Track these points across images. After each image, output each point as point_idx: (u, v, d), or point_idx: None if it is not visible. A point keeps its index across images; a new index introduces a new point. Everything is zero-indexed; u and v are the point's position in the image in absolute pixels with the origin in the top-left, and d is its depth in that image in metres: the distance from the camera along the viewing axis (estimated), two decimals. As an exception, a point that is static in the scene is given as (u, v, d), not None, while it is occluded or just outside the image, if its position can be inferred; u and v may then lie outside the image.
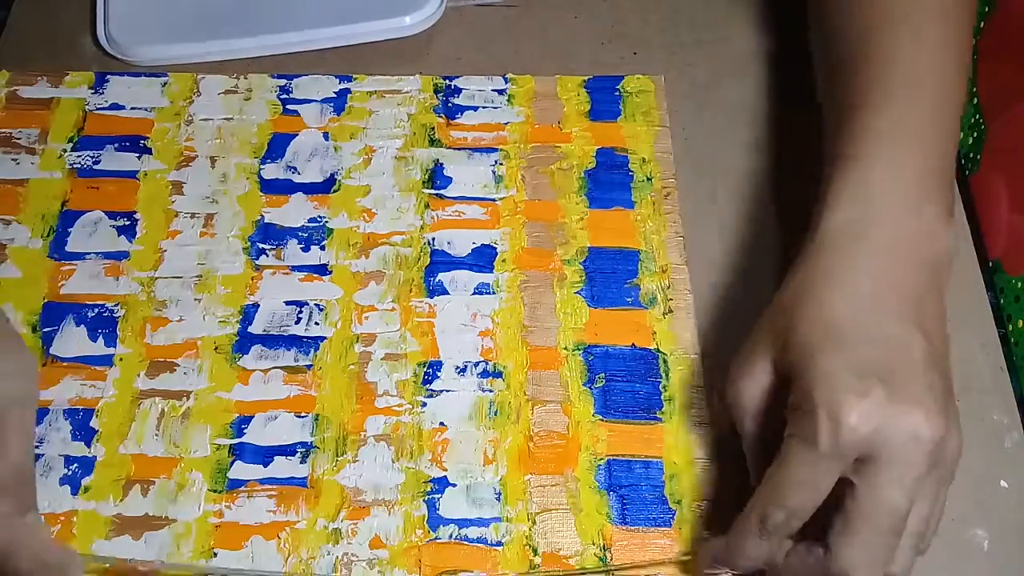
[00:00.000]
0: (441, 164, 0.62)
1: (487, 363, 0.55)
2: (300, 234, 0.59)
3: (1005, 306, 0.62)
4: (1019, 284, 0.61)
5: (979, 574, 0.51)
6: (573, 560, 0.50)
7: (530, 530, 0.51)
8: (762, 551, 0.45)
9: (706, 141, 0.65)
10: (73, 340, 0.55)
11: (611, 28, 0.70)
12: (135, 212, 0.60)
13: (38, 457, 0.52)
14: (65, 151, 0.62)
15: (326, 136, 0.63)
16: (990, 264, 0.64)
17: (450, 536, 0.51)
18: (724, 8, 0.71)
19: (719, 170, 0.64)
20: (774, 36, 0.70)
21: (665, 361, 0.56)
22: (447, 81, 0.66)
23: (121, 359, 0.55)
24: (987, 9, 0.66)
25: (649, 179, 0.62)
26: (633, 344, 0.56)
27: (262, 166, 0.62)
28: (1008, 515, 0.53)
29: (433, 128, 0.64)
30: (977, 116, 0.67)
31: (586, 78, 0.66)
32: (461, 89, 0.66)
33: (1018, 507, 0.53)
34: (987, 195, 0.65)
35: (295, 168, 0.62)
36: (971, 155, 0.68)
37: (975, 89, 0.67)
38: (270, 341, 0.56)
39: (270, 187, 0.61)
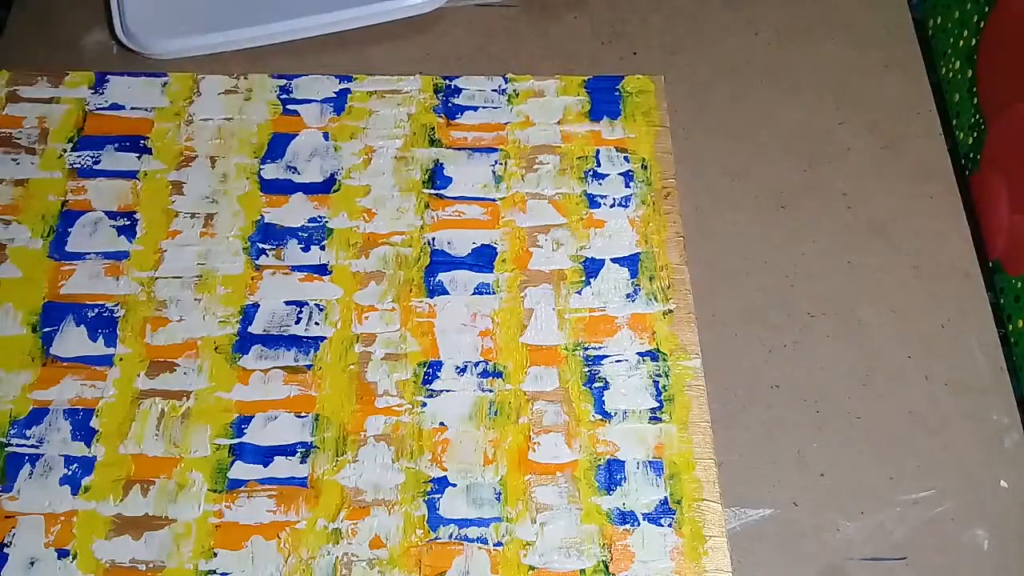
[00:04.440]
0: (441, 164, 0.62)
1: (487, 363, 0.55)
2: (300, 234, 0.59)
3: (1005, 306, 0.62)
4: (1019, 284, 0.61)
5: (979, 574, 0.51)
6: (573, 563, 0.50)
7: (530, 530, 0.51)
8: None
9: (706, 141, 0.65)
10: (73, 340, 0.55)
11: (611, 28, 0.70)
12: (135, 212, 0.60)
13: (38, 457, 0.52)
14: (65, 151, 0.62)
15: (326, 136, 0.63)
16: (990, 264, 0.64)
17: (450, 536, 0.51)
18: (723, 8, 0.71)
19: (719, 170, 0.64)
20: (773, 35, 0.70)
21: (665, 361, 0.56)
22: (447, 81, 0.66)
23: (121, 359, 0.55)
24: (987, 9, 0.66)
25: (649, 179, 0.62)
26: (634, 343, 0.56)
27: (262, 166, 0.62)
28: (1008, 515, 0.53)
29: (433, 128, 0.64)
30: (977, 116, 0.67)
31: (586, 78, 0.66)
32: (461, 89, 0.66)
33: (1018, 507, 0.53)
34: (987, 195, 0.65)
35: (295, 168, 0.62)
36: (971, 155, 0.68)
37: (975, 89, 0.67)
38: (270, 341, 0.56)
39: (270, 187, 0.61)
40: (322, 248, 0.59)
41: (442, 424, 0.54)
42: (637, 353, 0.56)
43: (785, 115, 0.66)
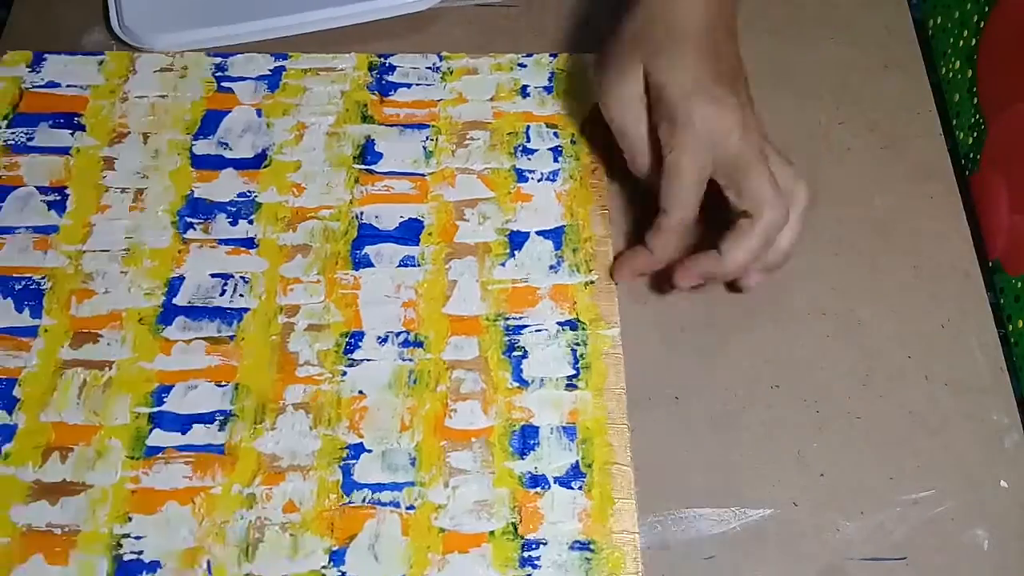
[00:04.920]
0: (372, 140, 0.63)
1: (408, 333, 0.56)
2: (229, 208, 0.60)
3: (1005, 306, 0.62)
4: (1019, 284, 0.61)
5: (979, 574, 0.52)
6: (483, 525, 0.51)
7: (443, 494, 0.51)
8: (668, 245, 0.55)
9: None
10: (-1, 312, 0.56)
11: (611, 28, 0.70)
12: (66, 187, 0.60)
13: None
14: (0, 128, 0.62)
15: (259, 113, 0.64)
16: (990, 264, 0.64)
17: (363, 500, 0.51)
18: None
19: None
20: (773, 35, 0.70)
21: (584, 330, 0.56)
22: (382, 59, 0.66)
23: (46, 330, 0.55)
24: (987, 9, 0.66)
25: (577, 154, 0.62)
26: (555, 313, 0.57)
27: (194, 142, 0.62)
28: (1008, 515, 0.53)
29: (366, 105, 0.64)
30: (977, 116, 0.67)
31: (520, 56, 0.67)
32: (395, 67, 0.66)
33: (1018, 507, 0.53)
34: (987, 195, 0.65)
35: (227, 144, 0.62)
36: (971, 155, 0.67)
37: (975, 89, 0.67)
38: (194, 313, 0.56)
39: (201, 163, 0.62)
40: (250, 222, 0.59)
41: (361, 392, 0.54)
42: (557, 323, 0.57)
43: (785, 115, 0.66)
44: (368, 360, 0.55)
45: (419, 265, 0.58)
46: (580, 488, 0.52)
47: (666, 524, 0.52)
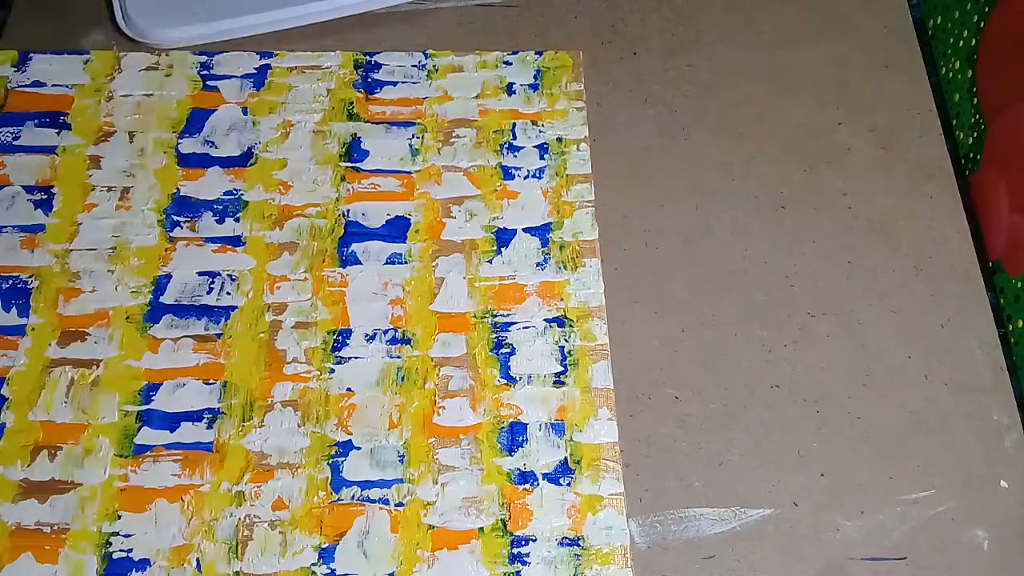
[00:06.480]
0: (359, 138, 0.63)
1: (396, 330, 0.56)
2: (215, 206, 0.60)
3: (1005, 306, 0.62)
4: (1019, 284, 0.61)
5: (979, 574, 0.52)
6: (472, 522, 0.51)
7: (431, 491, 0.52)
8: None
9: (706, 141, 0.65)
10: (-14, 311, 0.56)
11: (611, 28, 0.70)
12: (52, 186, 0.60)
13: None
14: (-15, 128, 0.62)
15: (245, 111, 0.64)
16: (990, 264, 0.64)
17: (352, 497, 0.51)
18: (723, 8, 0.71)
19: (719, 170, 0.64)
20: (773, 35, 0.70)
21: (572, 327, 0.56)
22: (368, 57, 0.66)
23: (33, 329, 0.55)
24: (987, 9, 0.66)
25: (562, 151, 0.63)
26: (542, 310, 0.57)
27: (180, 140, 0.62)
28: (1008, 515, 0.53)
29: (352, 103, 0.64)
30: (977, 116, 0.67)
31: (506, 54, 0.67)
32: (381, 65, 0.66)
33: (1018, 507, 0.54)
34: (987, 195, 0.65)
35: (213, 142, 0.62)
36: (971, 155, 0.67)
37: (975, 89, 0.67)
38: (181, 311, 0.56)
39: (187, 161, 0.62)
40: (237, 220, 0.59)
41: (349, 390, 0.54)
42: (544, 320, 0.57)
43: (785, 115, 0.66)
44: (356, 357, 0.55)
45: (406, 262, 0.59)
46: (569, 484, 0.52)
47: (666, 524, 0.52)
